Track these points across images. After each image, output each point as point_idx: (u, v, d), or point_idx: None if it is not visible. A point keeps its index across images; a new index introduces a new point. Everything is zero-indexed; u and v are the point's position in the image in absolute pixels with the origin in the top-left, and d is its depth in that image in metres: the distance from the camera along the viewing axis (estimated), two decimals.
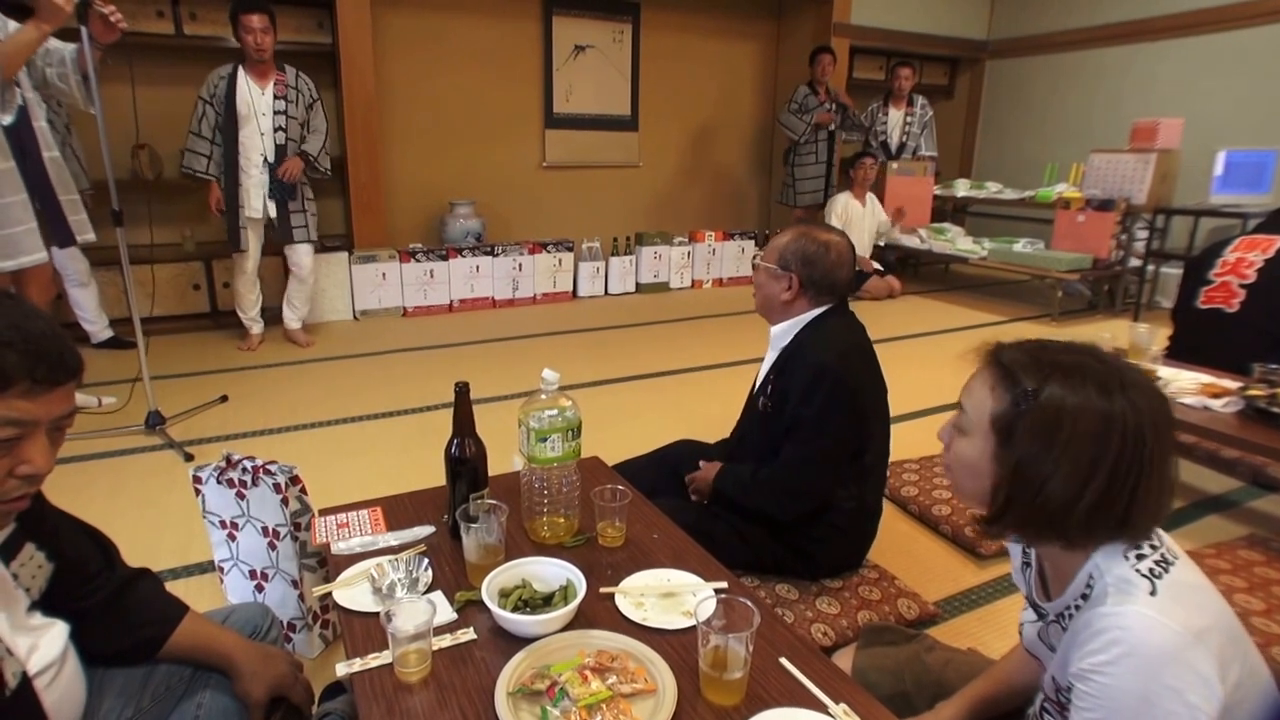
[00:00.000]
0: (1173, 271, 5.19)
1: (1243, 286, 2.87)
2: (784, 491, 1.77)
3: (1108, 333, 2.84)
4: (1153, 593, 0.85)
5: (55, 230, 2.78)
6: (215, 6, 4.56)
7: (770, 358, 1.90)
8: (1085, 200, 5.32)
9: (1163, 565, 0.88)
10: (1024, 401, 0.88)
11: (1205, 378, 2.49)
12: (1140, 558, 0.89)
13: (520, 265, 5.52)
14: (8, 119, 2.34)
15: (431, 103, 5.57)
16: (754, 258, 1.90)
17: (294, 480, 1.62)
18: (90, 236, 3.01)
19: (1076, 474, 0.85)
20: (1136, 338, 2.75)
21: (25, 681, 0.90)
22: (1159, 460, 0.86)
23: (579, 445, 1.40)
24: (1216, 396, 2.32)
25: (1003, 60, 7.32)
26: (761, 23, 6.81)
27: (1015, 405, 0.89)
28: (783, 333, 1.84)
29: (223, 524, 1.71)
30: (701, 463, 1.99)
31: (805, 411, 1.71)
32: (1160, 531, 0.93)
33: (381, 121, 5.13)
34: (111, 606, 1.11)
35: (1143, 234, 5.34)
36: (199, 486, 1.70)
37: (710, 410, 2.26)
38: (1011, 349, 0.94)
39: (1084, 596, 0.92)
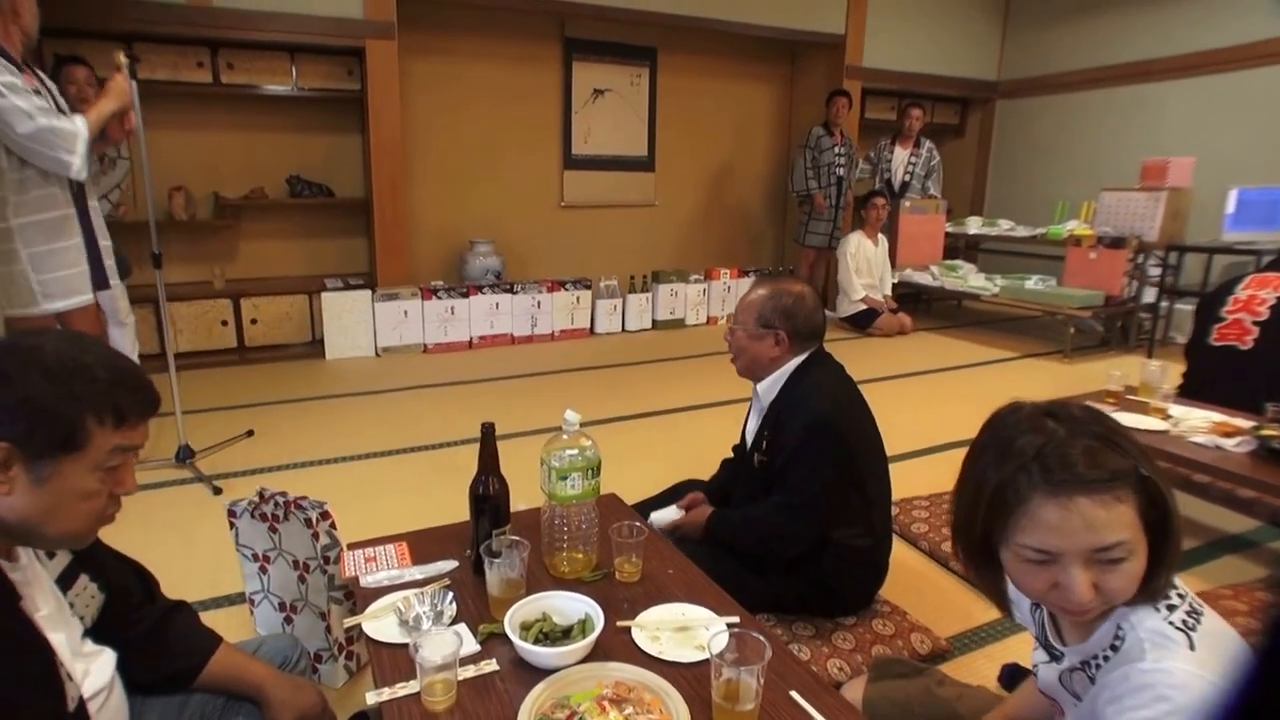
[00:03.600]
0: (1187, 308, 5.20)
1: (1256, 324, 2.89)
2: (774, 534, 1.82)
3: (1118, 370, 2.86)
4: (1191, 647, 0.85)
5: (93, 274, 2.91)
6: (249, 56, 4.76)
7: (757, 414, 1.96)
8: (1097, 237, 5.35)
9: (1194, 617, 0.89)
10: (1138, 479, 0.86)
11: (1217, 416, 2.50)
12: (1171, 609, 0.89)
13: (539, 302, 5.61)
14: (84, 175, 2.59)
15: (454, 145, 5.73)
16: (729, 324, 1.95)
17: (324, 515, 1.69)
18: (118, 282, 3.15)
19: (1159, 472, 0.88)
20: (1147, 375, 2.76)
21: (81, 705, 0.96)
22: None
23: (598, 483, 1.45)
24: (1228, 435, 2.31)
25: (1012, 100, 7.42)
26: (775, 66, 6.96)
27: (1145, 491, 0.86)
28: (769, 388, 1.90)
29: (255, 557, 1.78)
30: (679, 507, 2.06)
31: (801, 463, 1.76)
32: (1180, 581, 0.94)
33: (406, 163, 5.29)
34: (152, 637, 1.17)
35: (1156, 270, 5.36)
36: (233, 520, 1.76)
37: (725, 446, 2.30)
38: (1087, 461, 0.85)
39: (1113, 648, 0.91)
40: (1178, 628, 0.87)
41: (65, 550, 1.07)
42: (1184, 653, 0.85)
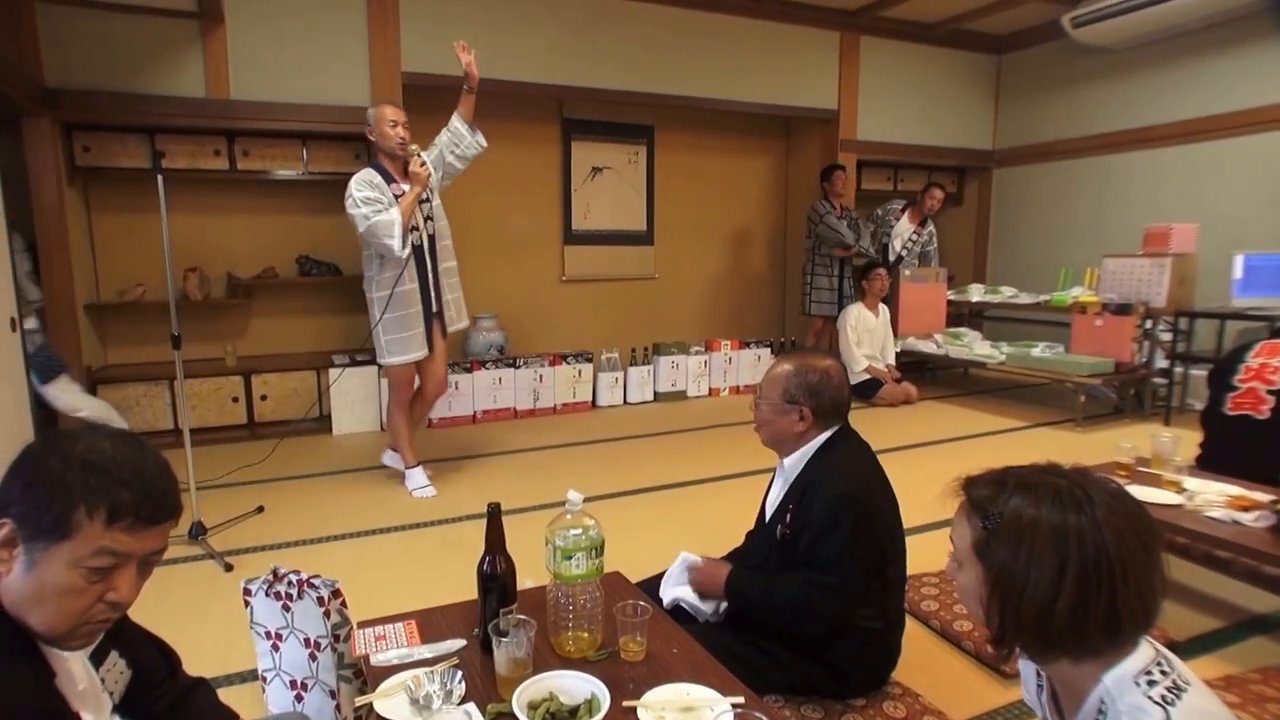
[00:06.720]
0: (1201, 373, 5.11)
1: (1271, 393, 2.80)
2: (802, 612, 1.76)
3: (1128, 442, 2.83)
4: None
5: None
6: (264, 144, 4.96)
7: (781, 486, 1.93)
8: (1102, 304, 5.33)
9: (1175, 692, 0.90)
10: (991, 522, 0.98)
11: (1234, 489, 2.41)
12: (1151, 684, 0.90)
13: (541, 376, 5.66)
14: (405, 252, 3.43)
15: (457, 223, 5.79)
16: (755, 396, 1.93)
17: (335, 593, 1.71)
18: (67, 385, 3.72)
19: (1045, 580, 0.91)
20: (1160, 447, 2.68)
21: None
22: (1132, 568, 0.90)
23: (602, 563, 1.47)
24: (1246, 510, 2.24)
25: (1009, 168, 7.49)
26: (771, 140, 7.17)
27: (986, 528, 0.98)
28: (795, 462, 1.87)
29: (268, 634, 1.79)
30: (701, 559, 1.97)
31: (829, 541, 1.72)
32: (1172, 656, 0.95)
33: None
34: (173, 714, 1.19)
35: (1167, 336, 5.31)
36: (249, 598, 1.78)
37: (727, 521, 2.30)
38: (979, 481, 1.04)
39: None
40: (1155, 702, 0.89)
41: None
42: None
